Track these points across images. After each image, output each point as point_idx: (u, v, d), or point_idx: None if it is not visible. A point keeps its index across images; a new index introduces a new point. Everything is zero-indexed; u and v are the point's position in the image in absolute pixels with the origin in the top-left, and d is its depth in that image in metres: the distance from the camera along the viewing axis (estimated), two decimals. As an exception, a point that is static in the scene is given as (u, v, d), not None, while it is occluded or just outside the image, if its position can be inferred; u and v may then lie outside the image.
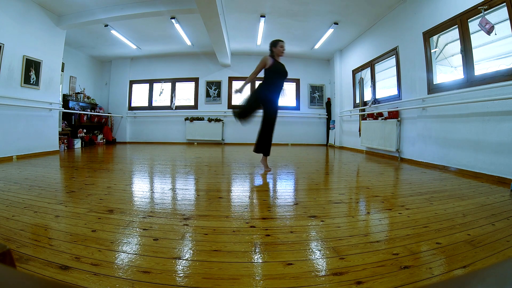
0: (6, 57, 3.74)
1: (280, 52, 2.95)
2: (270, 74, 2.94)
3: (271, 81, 2.95)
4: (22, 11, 3.96)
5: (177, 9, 4.19)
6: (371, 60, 5.25)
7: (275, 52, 2.95)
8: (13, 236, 1.19)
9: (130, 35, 5.87)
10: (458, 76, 3.25)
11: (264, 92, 2.95)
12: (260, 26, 5.25)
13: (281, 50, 2.94)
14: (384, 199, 1.93)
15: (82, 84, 6.80)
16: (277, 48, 2.94)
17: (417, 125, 3.89)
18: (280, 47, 2.94)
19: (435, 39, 3.61)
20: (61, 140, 5.12)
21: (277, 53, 2.95)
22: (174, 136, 7.55)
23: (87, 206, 1.65)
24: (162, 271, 0.93)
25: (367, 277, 0.90)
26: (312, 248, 1.14)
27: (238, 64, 7.46)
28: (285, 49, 3.00)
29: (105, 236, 1.21)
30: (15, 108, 3.92)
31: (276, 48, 2.94)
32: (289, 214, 1.58)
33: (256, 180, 2.63)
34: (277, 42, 2.94)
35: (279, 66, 2.97)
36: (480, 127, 2.84)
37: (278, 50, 2.94)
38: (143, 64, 7.60)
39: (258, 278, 0.90)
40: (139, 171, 3.06)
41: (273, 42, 2.97)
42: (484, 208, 1.70)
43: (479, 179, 2.67)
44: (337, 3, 4.34)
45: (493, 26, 2.63)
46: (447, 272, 0.94)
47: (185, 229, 1.32)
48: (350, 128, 6.30)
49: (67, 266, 0.94)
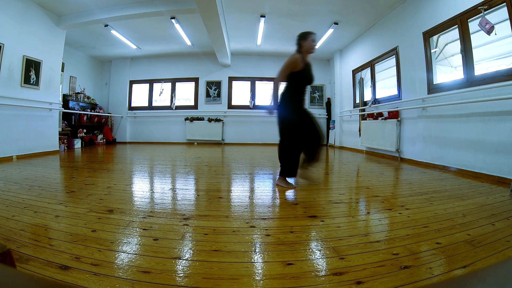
0: (6, 57, 3.74)
1: (311, 48, 2.25)
2: (296, 80, 2.26)
3: (295, 88, 2.29)
4: (22, 11, 3.95)
5: (177, 9, 4.19)
6: (371, 60, 5.25)
7: (305, 48, 2.24)
8: (13, 236, 1.19)
9: (130, 35, 5.87)
10: (458, 76, 3.25)
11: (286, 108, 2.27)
12: (260, 26, 5.24)
13: (312, 45, 2.25)
14: (384, 199, 1.93)
15: (82, 84, 6.80)
16: (307, 42, 2.23)
17: (417, 125, 3.88)
18: (311, 41, 2.24)
19: (435, 39, 3.61)
20: (61, 140, 5.12)
21: (307, 50, 2.25)
22: (174, 136, 7.56)
23: (87, 206, 1.65)
24: (162, 271, 0.93)
25: (367, 277, 0.90)
26: (312, 248, 1.14)
27: (238, 64, 7.46)
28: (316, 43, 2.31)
29: (105, 236, 1.21)
30: (15, 108, 3.92)
31: (306, 42, 2.23)
32: (289, 214, 1.58)
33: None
34: (308, 35, 2.24)
35: (308, 69, 2.31)
36: (480, 127, 2.84)
37: (308, 45, 2.23)
38: (143, 64, 7.60)
39: (258, 278, 0.90)
40: (139, 171, 3.06)
41: (302, 34, 2.27)
42: (484, 208, 1.70)
43: (479, 179, 2.67)
44: (337, 3, 4.34)
45: (493, 26, 2.63)
46: (447, 272, 0.94)
47: (185, 229, 1.32)
48: (350, 128, 6.30)
49: (67, 266, 0.94)
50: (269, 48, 6.75)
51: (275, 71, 6.77)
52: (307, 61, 2.31)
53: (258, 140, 7.44)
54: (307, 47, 2.24)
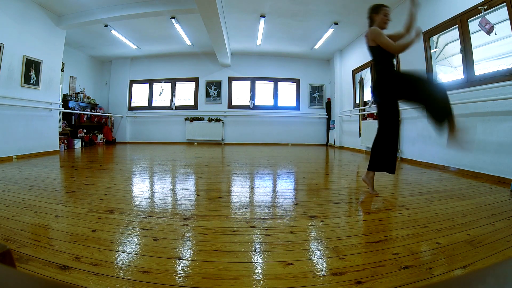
0: (6, 57, 3.73)
1: (384, 22, 2.05)
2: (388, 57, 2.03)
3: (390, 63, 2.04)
4: (22, 11, 3.95)
5: (177, 9, 4.19)
6: (371, 60, 5.24)
7: (378, 22, 2.05)
8: (13, 236, 1.19)
9: (130, 35, 5.87)
10: (458, 76, 3.25)
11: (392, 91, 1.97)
12: (260, 26, 5.24)
13: (385, 19, 2.05)
14: (384, 199, 1.93)
15: (82, 84, 6.80)
16: (379, 16, 2.05)
17: (417, 125, 3.88)
18: (384, 14, 2.04)
19: (435, 39, 3.61)
20: (61, 140, 5.12)
21: (380, 25, 2.05)
22: (174, 136, 7.56)
23: (87, 206, 1.65)
24: (162, 271, 0.93)
25: (367, 277, 0.90)
26: (312, 248, 1.14)
27: (238, 64, 7.46)
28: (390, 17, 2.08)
29: (105, 236, 1.21)
30: (15, 108, 3.92)
31: (378, 15, 2.05)
32: (289, 214, 1.58)
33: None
34: (380, 8, 2.06)
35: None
36: (480, 127, 2.84)
37: (381, 19, 2.05)
38: (143, 64, 7.60)
39: (258, 278, 0.90)
40: (139, 171, 3.06)
41: (374, 7, 2.09)
42: (484, 208, 1.70)
43: (479, 179, 2.67)
44: (337, 3, 4.34)
45: (493, 26, 2.63)
46: (447, 272, 0.94)
47: (185, 229, 1.32)
48: (350, 128, 6.30)
49: (67, 266, 0.94)
50: (269, 48, 6.75)
51: (275, 71, 6.87)
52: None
53: (258, 140, 7.44)
54: (379, 21, 2.04)
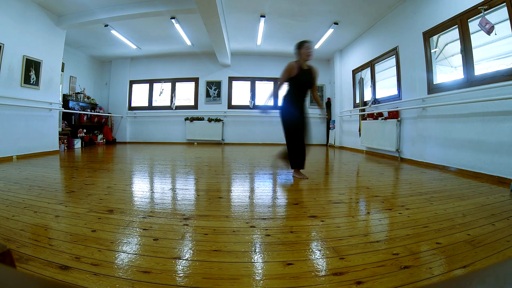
0: (6, 57, 3.73)
1: (306, 54, 2.58)
2: (293, 84, 2.64)
3: (293, 91, 2.66)
4: (22, 11, 3.95)
5: (177, 9, 4.19)
6: (371, 60, 5.25)
7: (301, 55, 2.59)
8: (13, 236, 1.19)
9: (130, 35, 5.87)
10: (458, 76, 3.25)
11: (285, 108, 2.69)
12: (260, 26, 5.24)
13: (307, 52, 2.57)
14: (384, 199, 1.93)
15: (82, 84, 6.80)
16: (303, 50, 2.58)
17: (417, 125, 3.88)
18: (306, 48, 2.57)
19: (435, 39, 3.61)
20: (61, 140, 5.12)
21: (303, 57, 2.59)
22: (174, 136, 7.56)
23: (87, 206, 1.65)
24: (162, 271, 0.93)
25: (367, 277, 0.90)
26: (312, 248, 1.14)
27: (238, 64, 7.46)
28: (312, 51, 2.63)
29: (105, 236, 1.21)
30: (15, 108, 3.92)
31: (301, 50, 2.58)
32: (289, 214, 1.58)
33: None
34: (303, 44, 2.59)
35: (304, 74, 2.62)
36: (480, 127, 2.84)
37: (304, 53, 2.57)
38: (143, 64, 7.60)
39: (258, 278, 0.90)
40: (139, 171, 3.06)
41: (298, 44, 2.63)
42: (484, 208, 1.70)
43: (479, 179, 2.67)
44: (337, 3, 4.34)
45: (493, 26, 2.63)
46: (447, 272, 0.94)
47: (185, 229, 1.32)
48: (350, 128, 6.30)
49: (67, 266, 0.94)
50: (269, 48, 6.75)
51: (275, 71, 6.88)
52: (306, 67, 2.63)
53: (258, 140, 7.44)
54: (303, 54, 2.59)
